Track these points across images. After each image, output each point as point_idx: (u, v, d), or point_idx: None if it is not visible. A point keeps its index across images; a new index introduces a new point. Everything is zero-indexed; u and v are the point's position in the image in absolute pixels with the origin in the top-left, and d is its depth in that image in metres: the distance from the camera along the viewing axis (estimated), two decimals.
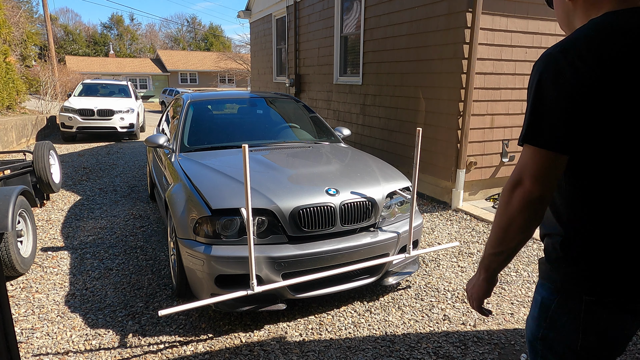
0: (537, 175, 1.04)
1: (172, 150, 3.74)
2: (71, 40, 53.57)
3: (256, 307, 2.65)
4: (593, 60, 0.99)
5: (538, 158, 1.04)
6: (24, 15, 18.40)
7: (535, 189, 1.05)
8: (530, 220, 1.09)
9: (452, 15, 4.93)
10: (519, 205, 1.07)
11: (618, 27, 1.03)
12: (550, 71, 1.02)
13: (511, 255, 1.17)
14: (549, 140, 1.02)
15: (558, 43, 1.05)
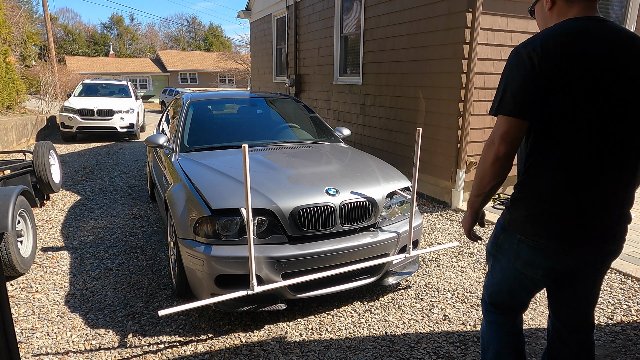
0: (504, 136, 1.42)
1: (172, 150, 3.74)
2: (71, 40, 53.58)
3: (256, 307, 2.65)
4: (545, 52, 1.35)
5: (505, 124, 1.41)
6: (24, 15, 18.39)
7: (502, 148, 1.42)
8: (499, 171, 1.47)
9: (452, 15, 4.93)
10: (491, 160, 1.45)
11: (566, 28, 1.39)
12: (515, 61, 1.40)
13: (488, 197, 1.58)
14: (512, 110, 1.40)
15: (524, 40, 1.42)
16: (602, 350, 2.54)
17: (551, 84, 1.34)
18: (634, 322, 2.85)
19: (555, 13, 1.49)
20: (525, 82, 1.37)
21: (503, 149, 1.42)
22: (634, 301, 3.11)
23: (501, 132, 1.41)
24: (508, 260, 1.61)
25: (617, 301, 3.11)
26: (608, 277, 3.47)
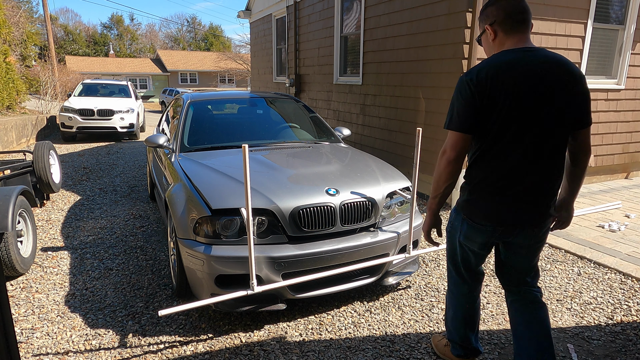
0: (454, 146, 1.80)
1: (172, 150, 3.74)
2: (71, 40, 53.59)
3: (256, 307, 2.65)
4: (478, 81, 1.72)
5: (454, 137, 1.81)
6: (24, 15, 18.39)
7: (452, 154, 1.81)
8: (451, 173, 1.85)
9: (452, 15, 4.93)
10: (444, 164, 1.84)
11: (498, 60, 1.75)
12: (458, 87, 1.79)
13: (443, 198, 1.95)
14: (458, 126, 1.79)
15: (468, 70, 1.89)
16: (602, 350, 2.54)
17: (483, 105, 1.73)
18: (634, 322, 2.85)
19: (497, 43, 1.84)
20: (466, 104, 1.76)
21: (453, 155, 1.80)
22: (634, 301, 3.11)
23: (451, 142, 1.81)
24: (457, 235, 2.06)
25: (617, 301, 3.11)
26: (608, 277, 3.47)
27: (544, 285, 3.34)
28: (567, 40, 5.39)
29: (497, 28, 1.81)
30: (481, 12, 1.88)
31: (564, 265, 3.68)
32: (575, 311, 2.98)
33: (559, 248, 4.00)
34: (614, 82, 6.01)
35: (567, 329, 2.77)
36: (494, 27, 1.82)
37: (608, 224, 4.50)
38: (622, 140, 6.33)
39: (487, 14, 1.84)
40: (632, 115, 6.30)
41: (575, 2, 5.29)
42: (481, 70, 1.73)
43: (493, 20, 1.81)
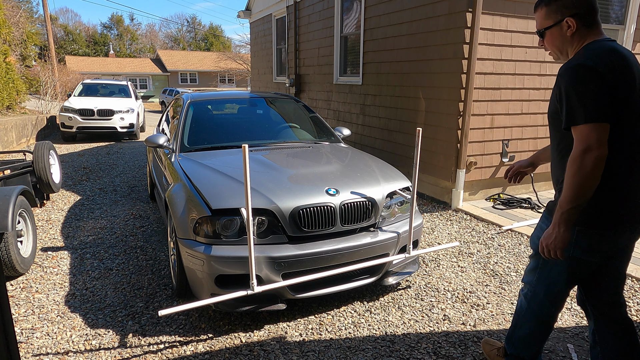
0: (601, 140, 1.55)
1: (172, 150, 3.74)
2: (71, 40, 53.60)
3: (256, 307, 2.65)
4: (608, 69, 1.56)
5: (599, 129, 1.55)
6: (24, 15, 18.39)
7: (603, 150, 1.55)
8: (599, 174, 1.57)
9: (452, 15, 4.93)
10: (593, 164, 1.54)
11: (607, 48, 1.63)
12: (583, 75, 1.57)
13: (583, 206, 1.62)
14: (600, 116, 1.55)
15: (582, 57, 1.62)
16: None
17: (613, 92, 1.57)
18: (634, 322, 2.85)
19: (577, 36, 1.71)
20: (602, 92, 1.56)
21: (604, 151, 1.56)
22: (634, 301, 3.10)
23: (597, 137, 1.55)
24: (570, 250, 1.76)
25: None
26: None
27: None
28: None
29: (578, 20, 1.68)
30: (552, 2, 1.72)
31: None
32: (575, 311, 2.98)
33: None
34: None
35: (567, 329, 2.77)
36: (575, 19, 1.68)
37: None
38: None
39: (565, 4, 1.69)
40: None
41: None
42: (603, 56, 1.59)
43: (574, 11, 1.67)
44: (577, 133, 1.58)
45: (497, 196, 5.47)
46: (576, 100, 1.57)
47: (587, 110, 1.55)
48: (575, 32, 1.70)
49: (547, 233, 1.70)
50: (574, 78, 1.58)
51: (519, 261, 3.76)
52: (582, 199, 1.59)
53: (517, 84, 5.21)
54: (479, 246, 4.10)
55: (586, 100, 1.56)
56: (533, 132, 5.50)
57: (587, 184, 1.56)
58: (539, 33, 1.81)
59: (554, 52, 1.82)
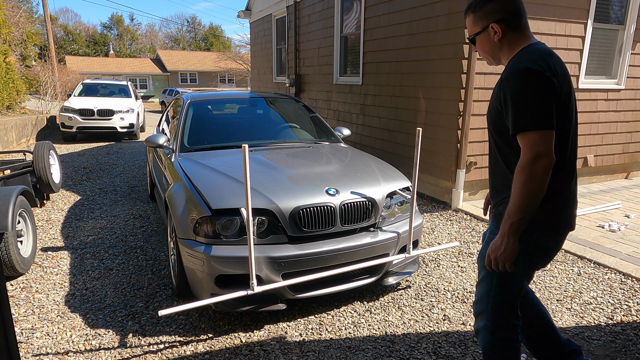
0: (550, 147, 1.49)
1: (172, 150, 3.74)
2: (71, 40, 53.60)
3: (256, 307, 2.65)
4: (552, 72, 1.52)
5: (547, 135, 1.49)
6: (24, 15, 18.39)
7: (551, 157, 1.49)
8: (547, 182, 1.52)
9: (452, 15, 4.93)
10: (543, 171, 1.49)
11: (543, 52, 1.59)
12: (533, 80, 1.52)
13: (531, 215, 1.55)
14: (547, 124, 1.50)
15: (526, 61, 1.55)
16: (602, 350, 2.54)
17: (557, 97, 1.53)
18: (634, 322, 2.85)
19: (506, 41, 1.68)
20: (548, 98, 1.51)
21: (553, 158, 1.50)
22: (634, 301, 3.11)
23: (546, 143, 1.49)
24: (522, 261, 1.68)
25: (617, 301, 3.11)
26: (608, 277, 3.47)
27: (544, 285, 3.34)
28: (567, 40, 5.39)
29: (504, 25, 1.65)
30: (478, 9, 1.70)
31: (564, 265, 3.68)
32: (575, 311, 2.98)
33: None
34: (614, 82, 6.01)
35: (567, 329, 2.77)
36: (500, 25, 1.65)
37: (608, 224, 4.50)
38: (622, 140, 6.33)
39: (489, 10, 1.66)
40: (632, 115, 6.30)
41: (575, 2, 5.29)
42: (546, 60, 1.54)
43: (499, 17, 1.65)
44: (525, 140, 1.51)
45: None
46: (524, 106, 1.51)
47: (536, 116, 1.49)
48: (502, 37, 1.67)
49: (494, 245, 1.61)
50: (521, 83, 1.52)
51: None
52: (532, 208, 1.53)
53: None
54: (479, 246, 4.10)
55: (535, 106, 1.50)
56: None
57: (536, 193, 1.51)
58: (470, 40, 1.78)
59: (486, 58, 1.79)
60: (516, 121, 1.52)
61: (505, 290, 1.74)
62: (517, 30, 1.66)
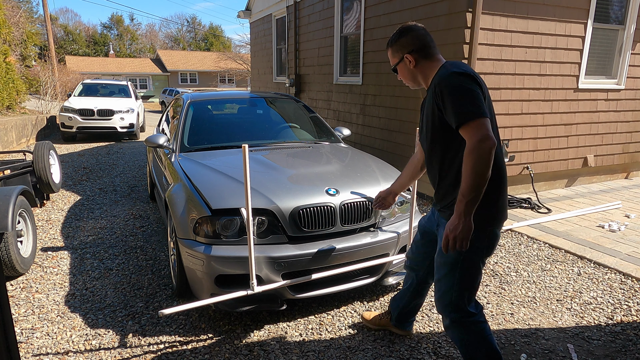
0: (489, 131, 1.70)
1: (172, 150, 3.74)
2: (71, 40, 53.59)
3: (256, 307, 2.65)
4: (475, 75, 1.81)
5: (485, 123, 1.71)
6: (24, 15, 18.39)
7: (494, 140, 1.68)
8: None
9: (452, 15, 4.93)
10: (489, 153, 1.66)
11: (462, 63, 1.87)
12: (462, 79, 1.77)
13: (481, 195, 1.72)
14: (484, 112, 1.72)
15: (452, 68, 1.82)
16: (602, 350, 2.54)
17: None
18: (634, 322, 2.85)
19: (419, 68, 1.98)
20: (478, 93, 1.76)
21: (495, 141, 1.69)
22: (634, 301, 3.11)
23: (487, 127, 1.70)
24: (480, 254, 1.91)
25: (617, 301, 3.11)
26: (608, 277, 3.47)
27: (544, 285, 3.34)
28: (567, 40, 5.39)
29: (416, 55, 1.97)
30: (395, 43, 2.02)
31: (564, 265, 3.68)
32: (575, 311, 2.98)
33: (559, 248, 4.00)
34: (614, 82, 6.01)
35: (567, 329, 2.77)
36: (412, 55, 1.97)
37: (608, 224, 4.50)
38: (622, 140, 6.33)
39: (402, 44, 1.99)
40: (632, 115, 6.30)
41: (575, 2, 5.29)
42: (466, 66, 1.85)
43: (411, 49, 1.97)
44: (470, 128, 1.70)
45: None
46: (463, 101, 1.73)
47: (475, 107, 1.72)
48: (417, 64, 1.98)
49: (452, 225, 1.74)
50: (454, 82, 1.76)
51: (518, 261, 3.76)
52: (482, 187, 1.69)
53: (517, 84, 5.21)
54: None
55: (472, 99, 1.73)
56: (533, 132, 5.50)
57: (485, 172, 1.67)
58: (393, 69, 2.09)
59: (408, 82, 2.07)
60: (459, 115, 1.73)
61: (469, 280, 1.93)
62: (428, 58, 1.97)
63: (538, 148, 5.60)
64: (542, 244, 4.13)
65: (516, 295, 3.20)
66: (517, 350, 2.55)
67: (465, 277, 1.92)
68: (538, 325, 2.81)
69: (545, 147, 5.65)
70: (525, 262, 3.75)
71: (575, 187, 6.14)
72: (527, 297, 3.17)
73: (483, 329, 1.98)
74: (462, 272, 1.91)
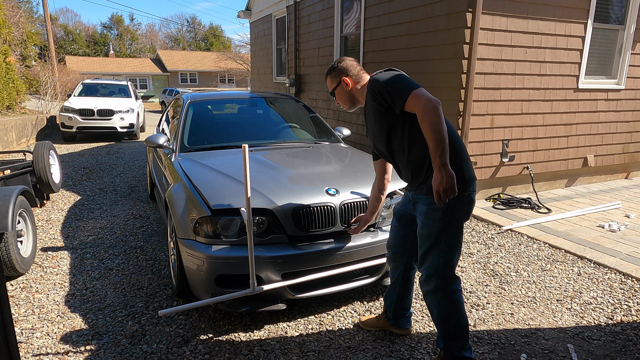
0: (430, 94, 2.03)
1: (172, 150, 3.74)
2: (71, 40, 53.58)
3: (256, 307, 2.65)
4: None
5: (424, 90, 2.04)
6: (24, 15, 18.40)
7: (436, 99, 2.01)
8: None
9: (452, 15, 4.93)
10: (437, 110, 1.97)
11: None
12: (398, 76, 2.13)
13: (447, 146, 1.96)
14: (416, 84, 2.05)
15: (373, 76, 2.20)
16: (602, 350, 2.54)
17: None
18: (634, 322, 2.85)
19: (353, 87, 2.33)
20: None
21: (437, 100, 1.99)
22: (634, 301, 3.11)
23: (427, 93, 2.02)
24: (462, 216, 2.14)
25: (617, 301, 3.11)
26: (608, 277, 3.47)
27: (544, 286, 3.34)
28: (567, 40, 5.39)
29: (350, 78, 2.32)
30: (332, 71, 2.36)
31: (564, 265, 3.68)
32: (575, 311, 2.98)
33: (559, 248, 4.00)
34: (614, 82, 6.01)
35: (567, 329, 2.77)
36: (348, 78, 2.31)
37: (608, 224, 4.50)
38: (622, 140, 6.33)
39: (338, 71, 2.33)
40: (632, 115, 6.30)
41: (575, 2, 5.29)
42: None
43: (346, 73, 2.32)
44: (411, 103, 1.99)
45: (497, 196, 5.47)
46: (395, 86, 2.04)
47: (406, 86, 2.02)
48: (353, 85, 2.32)
49: (437, 180, 1.93)
50: (381, 80, 2.09)
51: (519, 261, 3.76)
52: (445, 139, 1.91)
53: (517, 84, 5.21)
54: (479, 246, 4.10)
55: (400, 81, 2.06)
56: (533, 132, 5.50)
57: (440, 126, 1.92)
58: (331, 94, 2.40)
59: (345, 104, 2.38)
60: (398, 98, 2.02)
61: (454, 247, 2.12)
62: (359, 80, 2.33)
63: (538, 148, 5.60)
64: (542, 244, 4.13)
65: (516, 295, 3.20)
66: (517, 350, 2.55)
67: (451, 244, 2.11)
68: (538, 325, 2.81)
69: (545, 147, 5.65)
70: (525, 262, 3.75)
71: (575, 187, 6.14)
72: (527, 297, 3.17)
73: (459, 297, 2.18)
74: (448, 240, 2.10)
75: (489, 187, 5.52)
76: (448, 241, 2.11)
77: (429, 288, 2.19)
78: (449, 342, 2.21)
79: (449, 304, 2.16)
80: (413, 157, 2.14)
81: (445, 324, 2.19)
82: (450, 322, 2.18)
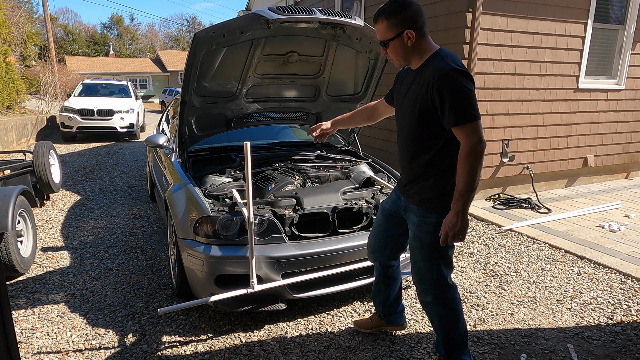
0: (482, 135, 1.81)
1: (172, 150, 3.74)
2: (71, 40, 53.55)
3: (256, 307, 2.65)
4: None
5: (479, 126, 1.80)
6: (24, 15, 18.40)
7: (485, 142, 1.81)
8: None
9: (452, 15, 4.92)
10: (480, 157, 1.79)
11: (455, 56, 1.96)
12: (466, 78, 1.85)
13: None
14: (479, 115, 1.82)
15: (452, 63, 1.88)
16: (602, 350, 2.54)
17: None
18: (634, 322, 2.85)
19: (415, 45, 1.92)
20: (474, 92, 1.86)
21: (485, 143, 1.81)
22: (634, 301, 3.11)
23: (480, 132, 1.80)
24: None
25: (617, 301, 3.11)
26: (608, 277, 3.47)
27: (544, 285, 3.34)
28: (567, 40, 5.39)
29: (416, 32, 1.89)
30: (392, 16, 1.88)
31: (564, 265, 3.68)
32: (575, 311, 2.98)
33: (559, 248, 4.00)
34: (614, 82, 6.01)
35: (567, 329, 2.77)
36: (414, 31, 1.88)
37: (608, 224, 4.50)
38: (622, 140, 6.33)
39: (404, 18, 1.86)
40: (632, 115, 6.30)
41: (575, 2, 5.29)
42: (461, 62, 1.90)
43: (412, 24, 1.87)
44: (466, 130, 1.78)
45: (497, 196, 5.47)
46: (465, 102, 1.79)
47: (474, 110, 1.79)
48: (414, 42, 1.90)
49: (451, 223, 1.85)
50: (457, 82, 1.79)
51: (519, 261, 3.76)
52: (476, 186, 1.81)
53: (517, 84, 5.21)
54: (479, 246, 4.10)
55: (472, 101, 1.80)
56: (533, 132, 5.50)
57: (479, 172, 1.80)
58: (383, 44, 1.95)
59: (397, 60, 1.98)
60: (457, 115, 1.78)
61: (446, 262, 2.06)
62: (423, 36, 1.92)
63: (538, 148, 5.60)
64: (542, 244, 4.13)
65: (516, 295, 3.20)
66: (517, 350, 2.55)
67: (443, 255, 2.05)
68: (538, 325, 2.81)
69: (545, 147, 5.65)
70: (525, 262, 3.75)
71: (575, 187, 6.14)
72: (527, 297, 3.17)
73: (458, 305, 2.15)
74: (440, 251, 2.03)
75: (489, 187, 5.52)
76: (440, 253, 2.04)
77: (427, 300, 2.16)
78: (449, 349, 2.19)
79: (449, 312, 2.14)
80: (422, 160, 1.99)
81: (446, 332, 2.17)
82: (451, 330, 2.16)
